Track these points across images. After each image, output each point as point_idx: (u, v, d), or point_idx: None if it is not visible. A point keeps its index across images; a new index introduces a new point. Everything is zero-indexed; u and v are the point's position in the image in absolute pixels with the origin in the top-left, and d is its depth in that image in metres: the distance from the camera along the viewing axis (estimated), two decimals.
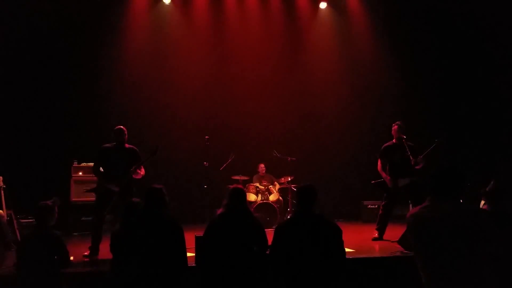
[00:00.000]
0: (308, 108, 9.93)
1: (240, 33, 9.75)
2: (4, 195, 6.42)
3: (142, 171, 5.63)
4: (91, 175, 7.38)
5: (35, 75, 8.29)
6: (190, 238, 4.30)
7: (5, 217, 6.17)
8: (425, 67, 9.70)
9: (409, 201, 8.07)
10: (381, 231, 6.33)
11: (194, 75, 9.47)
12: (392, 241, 5.75)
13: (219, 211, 3.92)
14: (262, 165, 8.79)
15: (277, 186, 8.57)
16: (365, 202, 9.00)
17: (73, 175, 7.88)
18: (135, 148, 5.73)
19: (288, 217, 7.61)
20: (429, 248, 2.54)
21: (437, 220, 2.55)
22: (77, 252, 5.39)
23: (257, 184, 8.46)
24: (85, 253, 5.34)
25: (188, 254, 3.96)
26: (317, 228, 3.45)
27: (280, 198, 8.45)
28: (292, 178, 8.32)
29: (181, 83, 9.40)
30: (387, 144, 6.41)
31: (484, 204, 6.95)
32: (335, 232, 3.50)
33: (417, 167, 6.08)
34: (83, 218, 7.56)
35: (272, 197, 8.24)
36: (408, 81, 9.71)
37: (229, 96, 9.60)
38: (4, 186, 6.47)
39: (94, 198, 5.74)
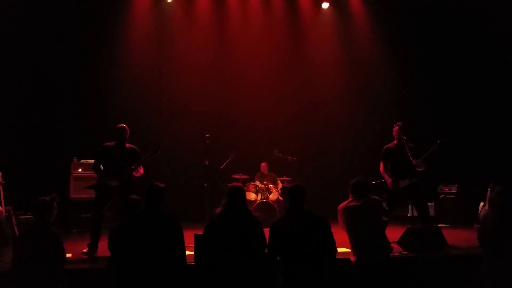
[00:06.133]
0: (310, 108, 9.92)
1: (242, 32, 9.75)
2: (3, 191, 6.41)
3: (141, 170, 5.61)
4: (91, 172, 7.32)
5: (36, 71, 8.29)
6: (189, 237, 4.30)
7: (4, 213, 6.16)
8: (427, 67, 9.68)
9: (409, 202, 8.05)
10: None
11: (196, 73, 9.47)
12: (392, 242, 5.71)
13: (218, 209, 3.92)
14: (263, 164, 8.76)
15: (280, 185, 8.55)
16: None
17: (72, 172, 7.88)
18: (135, 147, 5.70)
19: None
20: (354, 222, 4.25)
21: (358, 207, 4.26)
22: (76, 249, 5.38)
23: (258, 183, 8.45)
24: (84, 250, 5.30)
25: (188, 253, 3.95)
26: (308, 223, 3.75)
27: (280, 197, 8.43)
28: (290, 178, 8.31)
29: (182, 82, 9.39)
30: (388, 145, 6.39)
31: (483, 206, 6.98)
32: (325, 225, 3.80)
33: (419, 169, 6.04)
34: (82, 215, 7.55)
35: (272, 196, 8.23)
36: (410, 81, 9.69)
37: (230, 95, 9.60)
38: (3, 182, 6.46)
39: (93, 195, 5.72)
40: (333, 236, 3.84)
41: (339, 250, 4.21)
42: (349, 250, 4.34)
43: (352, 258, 4.21)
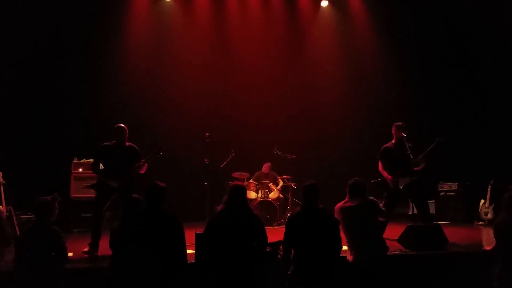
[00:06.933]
0: (310, 106, 9.92)
1: (242, 31, 9.74)
2: (4, 190, 6.42)
3: (144, 167, 5.60)
4: (91, 172, 7.35)
5: (36, 71, 8.28)
6: (190, 235, 4.30)
7: (5, 213, 6.16)
8: (426, 65, 9.68)
9: (409, 200, 8.06)
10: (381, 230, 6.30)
11: (195, 72, 9.47)
12: (392, 240, 5.73)
13: (219, 208, 3.93)
14: (267, 164, 8.68)
15: (281, 184, 8.55)
16: None
17: (73, 172, 7.88)
18: (135, 146, 5.70)
19: (289, 214, 7.63)
20: (350, 222, 4.29)
21: (354, 208, 4.33)
22: (77, 248, 5.38)
23: (251, 180, 8.43)
24: (85, 250, 5.31)
25: (188, 251, 3.95)
26: (321, 220, 3.95)
27: (281, 195, 8.44)
28: (290, 177, 8.31)
29: (182, 80, 9.39)
30: (386, 144, 6.37)
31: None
32: (335, 223, 4.06)
33: (417, 168, 6.03)
34: (83, 215, 7.56)
35: (272, 195, 8.23)
36: (410, 80, 9.70)
37: (230, 94, 9.60)
38: (4, 182, 6.46)
39: (94, 195, 5.72)
40: (340, 234, 4.04)
41: None
42: (347, 249, 4.37)
43: (349, 257, 4.27)
